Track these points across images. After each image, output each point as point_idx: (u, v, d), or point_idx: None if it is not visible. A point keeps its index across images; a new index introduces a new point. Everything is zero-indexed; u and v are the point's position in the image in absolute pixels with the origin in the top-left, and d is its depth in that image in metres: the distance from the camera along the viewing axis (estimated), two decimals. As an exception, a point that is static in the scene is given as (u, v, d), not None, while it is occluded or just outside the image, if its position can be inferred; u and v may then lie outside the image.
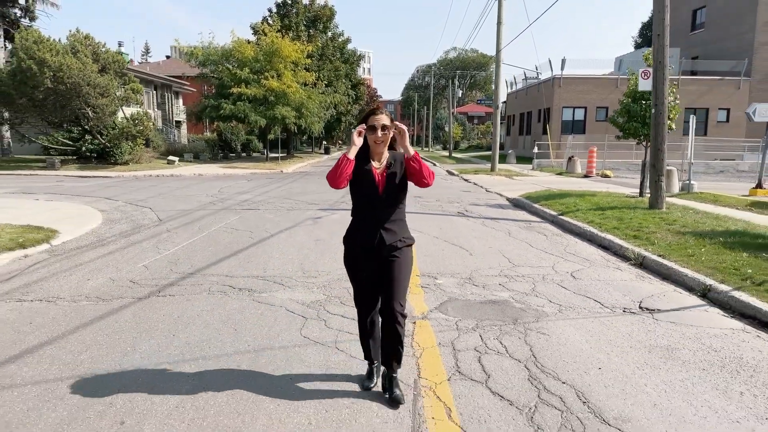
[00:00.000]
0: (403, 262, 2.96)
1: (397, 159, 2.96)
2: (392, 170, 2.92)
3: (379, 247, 2.92)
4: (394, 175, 2.92)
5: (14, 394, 3.07)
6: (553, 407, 2.94)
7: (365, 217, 2.96)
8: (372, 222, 2.93)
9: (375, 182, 2.90)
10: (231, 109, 26.25)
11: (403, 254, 2.97)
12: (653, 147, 10.01)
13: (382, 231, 2.91)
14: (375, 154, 2.95)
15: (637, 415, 2.88)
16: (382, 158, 2.96)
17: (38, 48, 20.16)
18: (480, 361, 3.52)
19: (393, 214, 2.95)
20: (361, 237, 2.96)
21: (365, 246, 2.94)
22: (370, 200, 2.92)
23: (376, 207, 2.92)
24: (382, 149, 2.93)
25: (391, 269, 2.93)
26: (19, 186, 15.38)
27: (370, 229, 2.92)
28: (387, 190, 2.91)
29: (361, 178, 2.91)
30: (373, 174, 2.91)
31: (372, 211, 2.93)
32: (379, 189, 2.91)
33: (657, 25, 9.68)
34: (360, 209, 2.99)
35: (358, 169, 2.88)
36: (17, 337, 3.92)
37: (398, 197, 2.96)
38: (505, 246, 7.48)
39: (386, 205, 2.93)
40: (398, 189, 2.94)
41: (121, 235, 8.00)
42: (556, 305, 4.81)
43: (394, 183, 2.92)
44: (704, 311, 4.87)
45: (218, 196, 13.32)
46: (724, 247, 6.81)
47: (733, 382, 3.34)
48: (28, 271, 5.98)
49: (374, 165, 2.94)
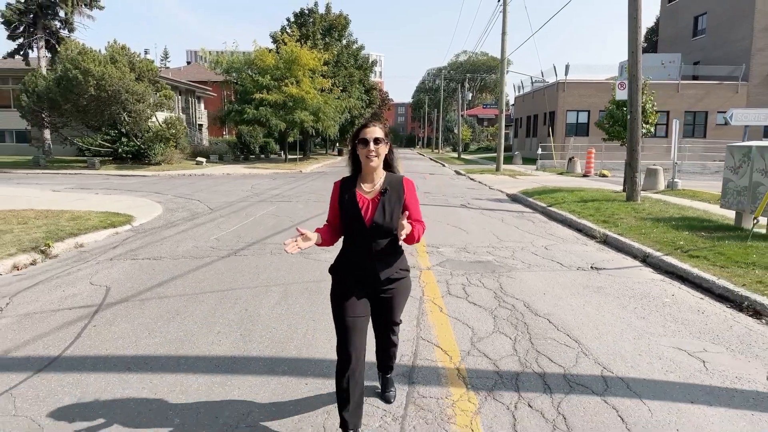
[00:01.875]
0: (399, 293, 2.69)
1: (394, 185, 2.59)
2: (386, 198, 2.55)
3: (372, 282, 2.61)
4: (387, 203, 2.54)
5: (170, 300, 4.88)
6: (507, 308, 4.68)
7: (355, 247, 2.60)
8: (363, 253, 2.57)
9: (359, 212, 2.53)
10: (254, 114, 28.20)
11: (399, 285, 2.67)
12: (629, 148, 11.66)
13: (375, 263, 2.57)
14: (367, 174, 2.59)
15: (559, 314, 4.60)
16: (375, 180, 2.60)
17: (83, 59, 22.23)
18: (464, 290, 5.26)
19: (388, 244, 2.58)
20: (351, 268, 2.63)
21: (357, 277, 2.62)
22: (358, 231, 2.55)
23: (367, 237, 2.54)
24: (376, 165, 2.55)
25: (387, 303, 2.68)
26: (74, 183, 17.35)
27: (361, 262, 2.58)
28: (377, 220, 2.52)
29: (345, 206, 2.57)
30: (357, 201, 2.55)
31: (362, 242, 2.56)
32: (366, 219, 2.53)
33: (631, 44, 11.33)
34: (348, 238, 2.64)
35: (344, 196, 2.59)
36: (151, 276, 5.74)
37: (390, 226, 2.53)
38: (497, 228, 9.20)
39: (376, 235, 2.54)
40: (390, 218, 2.53)
41: (185, 220, 9.85)
42: (527, 264, 6.53)
43: (384, 212, 2.52)
44: (639, 270, 6.56)
45: (252, 191, 15.17)
46: (672, 228, 8.48)
47: (632, 302, 5.04)
48: (124, 243, 7.81)
49: (364, 189, 2.59)
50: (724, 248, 6.89)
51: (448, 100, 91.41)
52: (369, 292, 2.64)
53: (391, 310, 2.71)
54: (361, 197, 2.57)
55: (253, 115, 28.30)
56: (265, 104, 28.24)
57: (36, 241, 7.16)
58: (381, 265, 2.58)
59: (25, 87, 23.99)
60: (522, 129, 44.12)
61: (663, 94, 33.07)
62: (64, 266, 6.30)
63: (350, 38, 39.97)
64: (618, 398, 3.11)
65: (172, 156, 26.12)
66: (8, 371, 3.41)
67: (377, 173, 2.60)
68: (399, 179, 2.62)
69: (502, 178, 21.22)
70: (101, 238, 8.11)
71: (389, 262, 2.60)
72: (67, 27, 29.57)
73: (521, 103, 44.26)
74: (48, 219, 9.00)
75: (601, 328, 4.29)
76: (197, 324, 4.29)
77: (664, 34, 41.73)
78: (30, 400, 3.04)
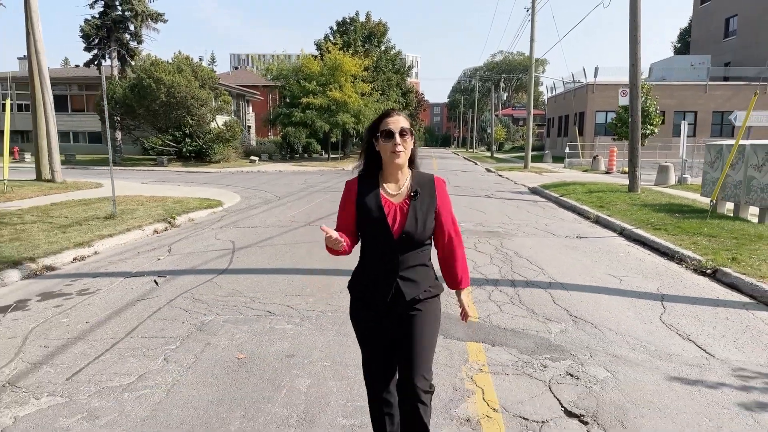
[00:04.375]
0: (426, 319, 2.20)
1: (424, 186, 2.19)
2: (417, 201, 2.14)
3: (395, 302, 2.17)
4: (419, 208, 2.14)
5: (277, 247, 7.32)
6: (501, 254, 6.92)
7: (376, 261, 2.18)
8: (385, 269, 2.16)
9: (385, 218, 2.11)
10: (301, 117, 30.92)
11: (427, 307, 2.21)
12: (630, 146, 13.56)
13: (399, 281, 2.15)
14: (390, 173, 2.18)
15: (536, 257, 6.80)
16: (402, 181, 2.19)
17: (155, 69, 25.40)
18: (474, 245, 7.51)
19: (414, 257, 2.16)
20: (371, 287, 2.20)
21: (377, 299, 2.18)
22: (382, 241, 2.13)
23: (391, 250, 2.13)
24: (401, 164, 2.14)
25: (412, 329, 2.18)
26: (155, 177, 20.34)
27: (383, 279, 2.16)
28: (409, 230, 2.10)
29: (366, 212, 2.14)
30: (383, 206, 2.13)
31: (385, 255, 2.14)
32: (394, 228, 2.11)
33: (631, 57, 13.23)
34: (369, 250, 2.21)
35: (363, 199, 2.16)
36: (257, 236, 8.22)
37: (422, 237, 2.15)
38: (511, 212, 11.36)
39: (405, 248, 2.13)
40: (423, 226, 2.13)
41: (261, 204, 12.40)
42: (526, 234, 8.71)
43: (416, 220, 2.12)
44: (613, 239, 8.63)
45: (306, 184, 17.72)
46: (654, 211, 10.45)
47: (594, 255, 7.18)
48: (223, 219, 10.35)
49: (388, 191, 2.17)
50: (683, 224, 8.88)
51: (484, 100, 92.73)
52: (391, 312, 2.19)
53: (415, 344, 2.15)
54: (386, 201, 2.14)
55: (300, 118, 31.02)
56: (311, 107, 30.92)
57: (161, 215, 9.78)
58: (407, 284, 2.15)
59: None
60: (554, 129, 45.52)
61: (691, 94, 34.13)
62: (190, 231, 8.87)
63: (388, 44, 42.40)
64: (553, 290, 5.33)
65: (229, 155, 29.13)
66: (203, 275, 5.89)
67: (403, 172, 2.19)
68: (429, 179, 2.22)
69: (528, 175, 23.13)
70: (204, 215, 10.70)
71: (417, 280, 2.18)
72: (136, 39, 33.02)
73: (553, 104, 45.67)
74: (157, 203, 11.67)
75: (561, 265, 6.48)
76: (301, 257, 6.72)
77: (696, 36, 42.41)
78: (221, 284, 5.48)
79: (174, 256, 6.90)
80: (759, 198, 9.16)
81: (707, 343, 4.06)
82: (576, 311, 4.72)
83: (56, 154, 15.54)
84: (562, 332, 4.22)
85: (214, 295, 5.11)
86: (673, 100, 33.67)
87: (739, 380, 3.44)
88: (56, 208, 10.54)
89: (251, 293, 5.18)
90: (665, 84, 34.83)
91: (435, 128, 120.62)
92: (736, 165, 10.05)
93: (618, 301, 5.08)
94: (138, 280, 5.69)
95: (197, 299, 4.97)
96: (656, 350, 3.90)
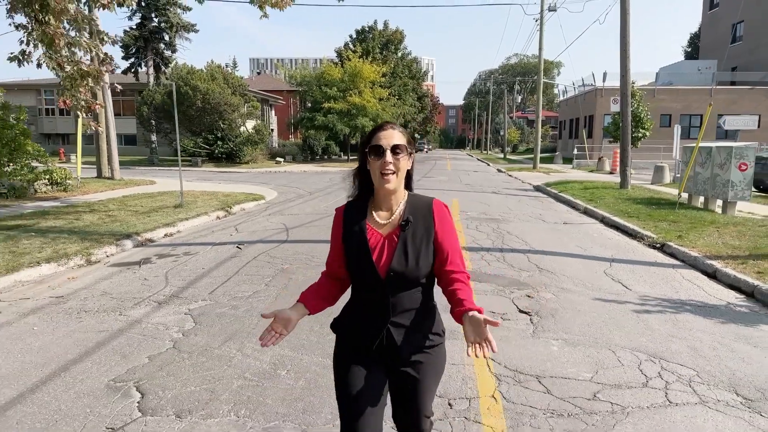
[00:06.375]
0: (428, 369, 1.82)
1: (418, 212, 1.79)
2: (408, 232, 1.75)
3: (385, 352, 1.79)
4: (410, 240, 1.74)
5: (320, 228, 9.26)
6: (497, 233, 8.80)
7: (365, 302, 1.80)
8: (375, 313, 1.77)
9: (368, 253, 1.75)
10: (322, 120, 33.02)
11: (426, 360, 1.81)
12: (621, 148, 15.28)
13: (390, 328, 1.76)
14: (381, 198, 1.80)
15: (524, 235, 8.66)
16: (394, 207, 1.81)
17: (191, 77, 27.67)
18: (476, 227, 9.39)
19: (410, 298, 1.77)
20: (359, 332, 1.82)
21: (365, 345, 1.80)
22: (368, 280, 1.76)
23: (382, 290, 1.75)
24: (393, 187, 1.75)
25: (409, 387, 1.82)
26: (195, 176, 22.51)
27: (371, 324, 1.78)
28: (396, 267, 1.72)
29: (350, 246, 1.79)
30: (367, 239, 1.77)
31: (375, 297, 1.76)
32: (379, 264, 1.74)
33: (622, 69, 14.95)
34: (357, 290, 1.85)
35: (348, 230, 1.81)
36: (301, 221, 10.19)
37: (415, 274, 1.74)
38: (512, 204, 13.19)
39: (396, 288, 1.75)
40: (414, 262, 1.73)
41: (296, 198, 14.41)
42: (521, 220, 10.55)
43: (405, 255, 1.73)
44: (593, 224, 10.43)
45: (331, 182, 19.72)
46: (634, 203, 12.20)
47: (572, 234, 9.01)
48: (267, 209, 12.34)
49: (377, 221, 1.80)
50: (654, 213, 10.65)
51: (498, 102, 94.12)
52: (381, 363, 1.81)
53: (415, 395, 1.81)
54: (373, 233, 1.78)
55: (322, 122, 33.12)
56: (332, 112, 32.98)
57: (219, 205, 11.81)
58: (400, 331, 1.76)
59: (144, 100, 29.78)
60: (565, 131, 47.00)
61: (697, 98, 35.43)
62: (245, 217, 10.88)
63: (405, 51, 44.38)
64: (531, 254, 7.20)
65: (257, 156, 31.32)
66: (270, 243, 7.86)
67: (396, 197, 1.80)
68: (426, 204, 1.81)
69: (535, 174, 24.85)
70: (251, 206, 12.72)
71: (414, 327, 1.77)
72: (170, 48, 35.46)
73: (565, 107, 47.17)
74: (210, 196, 13.72)
75: (542, 240, 8.33)
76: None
77: (705, 41, 43.61)
78: (285, 248, 7.43)
79: (242, 233, 8.89)
80: (721, 192, 10.86)
81: (630, 283, 5.90)
82: (543, 266, 6.59)
83: (115, 155, 17.76)
84: (529, 276, 6.09)
85: (284, 254, 7.08)
86: (678, 104, 35.06)
87: (639, 300, 5.28)
88: (129, 200, 12.65)
89: (309, 253, 7.14)
90: (671, 88, 36.22)
91: (450, 130, 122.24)
92: (706, 164, 11.72)
93: (577, 261, 6.93)
94: (223, 247, 7.69)
95: (273, 257, 6.95)
96: (592, 286, 5.75)
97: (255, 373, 3.48)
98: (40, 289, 5.63)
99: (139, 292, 5.42)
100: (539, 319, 4.67)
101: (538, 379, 3.46)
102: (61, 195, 13.51)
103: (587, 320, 4.66)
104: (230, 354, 3.81)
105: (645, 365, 3.71)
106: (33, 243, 7.36)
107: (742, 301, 5.38)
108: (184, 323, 4.47)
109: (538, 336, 4.26)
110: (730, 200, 10.51)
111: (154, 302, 5.06)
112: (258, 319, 4.52)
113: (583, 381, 3.45)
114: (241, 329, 4.32)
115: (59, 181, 14.34)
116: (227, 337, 4.13)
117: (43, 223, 9.01)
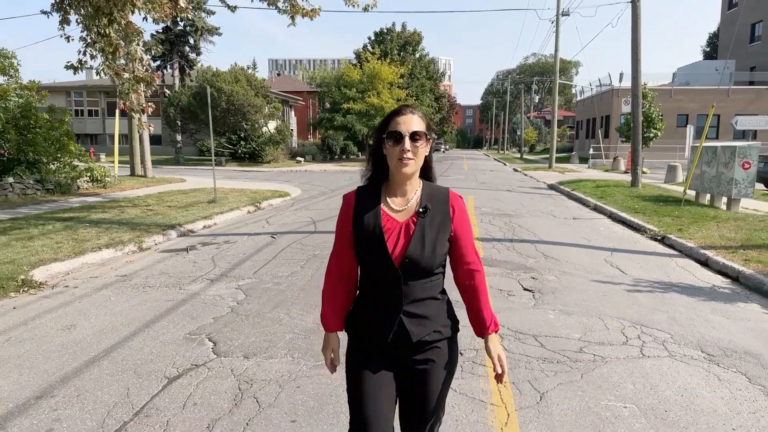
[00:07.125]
0: (438, 371, 1.79)
1: (436, 200, 1.77)
2: (425, 219, 1.73)
3: (398, 344, 1.76)
4: (428, 228, 1.73)
5: (342, 222, 10.04)
6: (509, 227, 9.48)
7: (376, 292, 1.78)
8: (386, 302, 1.75)
9: (383, 239, 1.71)
10: (342, 121, 33.89)
11: (439, 356, 1.79)
12: (632, 148, 15.78)
13: (403, 317, 1.73)
14: (396, 184, 1.78)
15: (534, 229, 9.32)
16: (409, 193, 1.78)
17: (216, 79, 28.73)
18: (489, 221, 10.07)
19: (423, 288, 1.75)
20: (371, 324, 1.79)
21: (376, 340, 1.78)
22: (380, 268, 1.73)
23: (395, 279, 1.72)
24: (411, 173, 1.73)
25: (420, 383, 1.80)
26: (221, 175, 23.47)
27: (384, 314, 1.75)
28: (413, 255, 1.70)
29: (362, 232, 1.75)
30: (382, 225, 1.73)
31: (388, 286, 1.73)
32: (394, 251, 1.71)
33: (633, 71, 15.45)
34: (367, 279, 1.81)
35: (360, 215, 1.78)
36: (326, 214, 10.97)
37: (431, 264, 1.73)
38: (525, 201, 13.83)
39: (410, 277, 1.72)
40: (431, 250, 1.71)
41: (319, 194, 15.22)
42: (532, 216, 11.19)
43: (422, 242, 1.71)
44: (601, 219, 11.04)
45: (351, 180, 20.52)
46: (642, 200, 12.75)
47: (580, 227, 9.65)
48: (293, 204, 13.16)
49: (392, 207, 1.77)
50: (660, 209, 11.21)
51: (516, 102, 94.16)
52: (393, 357, 1.78)
53: (425, 392, 1.78)
54: (388, 219, 1.74)
55: (341, 122, 33.99)
56: (351, 113, 33.83)
57: (248, 201, 12.67)
58: (414, 321, 1.73)
59: (170, 101, 30.94)
60: (582, 131, 47.18)
61: (714, 98, 35.43)
62: (274, 211, 11.71)
63: (422, 52, 45.06)
64: (538, 244, 7.87)
65: (278, 156, 32.30)
66: (301, 234, 8.65)
67: (411, 183, 1.77)
68: (443, 193, 1.79)
69: (550, 174, 25.35)
70: (278, 202, 13.56)
71: (427, 316, 1.75)
72: (195, 51, 36.69)
73: (582, 107, 47.35)
74: (239, 193, 14.60)
75: (550, 232, 8.99)
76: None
77: (723, 40, 43.44)
78: (315, 238, 8.21)
79: (273, 225, 9.71)
80: (725, 189, 11.36)
81: (627, 269, 6.55)
82: (548, 254, 7.27)
83: (148, 154, 18.78)
84: (535, 262, 6.78)
85: (314, 243, 7.87)
86: (695, 104, 35.12)
87: (633, 282, 5.94)
88: (165, 196, 13.59)
89: (337, 243, 7.91)
90: (688, 88, 36.27)
91: (467, 130, 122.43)
92: (711, 163, 12.23)
93: (581, 250, 7.59)
94: (258, 237, 8.50)
95: (304, 245, 7.74)
96: (591, 271, 6.42)
97: (302, 330, 4.25)
98: (105, 270, 6.48)
99: (192, 272, 6.25)
100: (541, 295, 5.37)
101: (534, 338, 4.17)
102: (101, 191, 14.52)
103: (583, 297, 5.34)
104: (279, 317, 4.59)
105: (627, 330, 4.39)
106: (89, 232, 8.26)
107: (728, 284, 6.00)
108: (236, 295, 5.27)
109: (538, 308, 4.96)
110: (733, 197, 11.02)
111: (207, 279, 5.88)
112: (299, 291, 5.30)
113: (572, 339, 4.15)
114: (285, 300, 5.10)
115: (99, 178, 15.37)
116: (275, 305, 4.92)
117: (93, 216, 9.94)
